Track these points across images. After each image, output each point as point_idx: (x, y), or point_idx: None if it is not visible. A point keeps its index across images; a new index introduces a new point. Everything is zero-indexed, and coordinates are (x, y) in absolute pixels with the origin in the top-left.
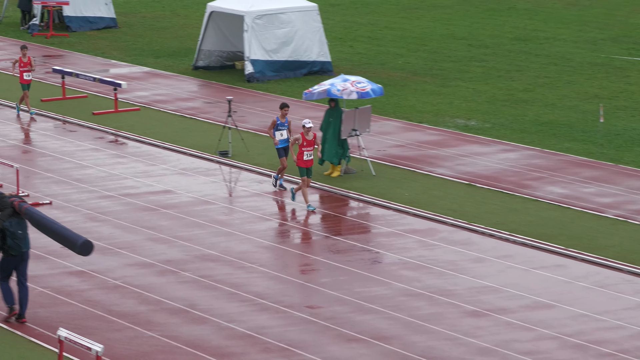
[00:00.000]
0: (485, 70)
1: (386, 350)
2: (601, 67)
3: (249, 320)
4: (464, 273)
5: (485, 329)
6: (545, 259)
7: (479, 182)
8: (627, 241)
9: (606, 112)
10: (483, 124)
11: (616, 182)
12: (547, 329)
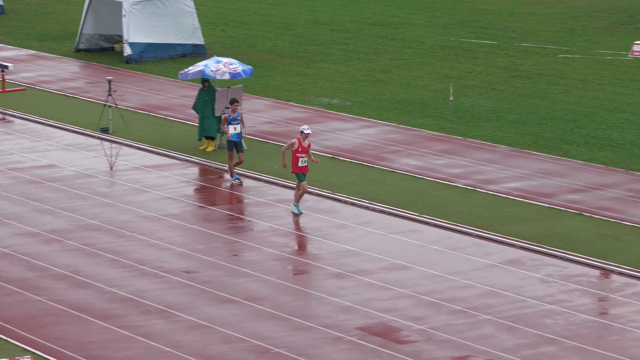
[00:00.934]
0: (346, 53)
1: (257, 310)
2: (451, 50)
3: (130, 284)
4: (329, 238)
5: (348, 289)
6: (401, 224)
7: (341, 156)
8: (476, 208)
9: (455, 91)
10: (345, 102)
11: (465, 154)
12: (404, 289)
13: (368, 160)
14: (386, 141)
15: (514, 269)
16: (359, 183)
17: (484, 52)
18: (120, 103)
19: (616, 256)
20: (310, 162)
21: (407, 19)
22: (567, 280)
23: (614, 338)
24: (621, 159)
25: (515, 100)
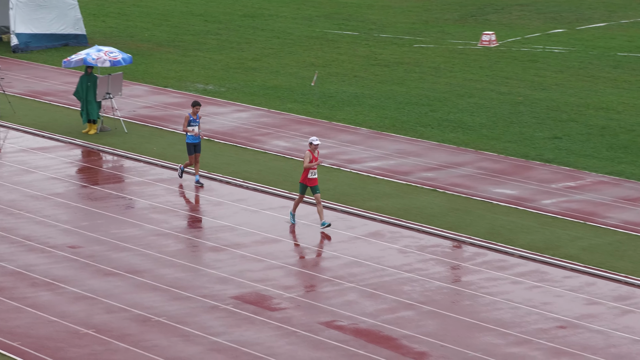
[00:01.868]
0: (220, 43)
1: (138, 282)
2: (316, 40)
3: (18, 259)
4: (205, 215)
5: (224, 261)
6: (273, 201)
7: (217, 138)
8: (340, 185)
9: (320, 78)
10: (219, 88)
11: (330, 136)
12: (275, 260)
13: (241, 142)
14: (258, 124)
15: (375, 241)
16: (233, 163)
17: (346, 42)
18: (8, 90)
19: (467, 228)
20: None
21: (276, 11)
22: (423, 251)
23: (466, 303)
24: (471, 139)
25: (375, 86)
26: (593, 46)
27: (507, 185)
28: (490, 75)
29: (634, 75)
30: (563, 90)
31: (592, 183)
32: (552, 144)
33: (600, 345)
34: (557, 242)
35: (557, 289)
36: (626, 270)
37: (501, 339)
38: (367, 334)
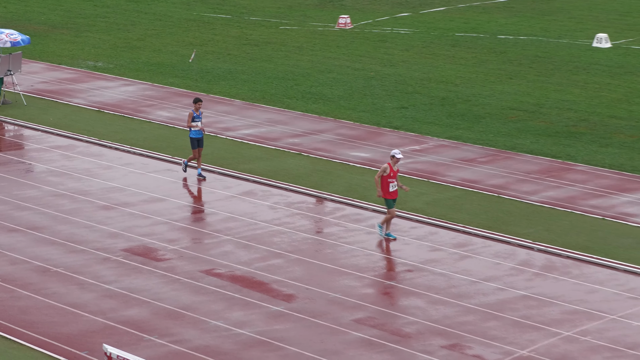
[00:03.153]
0: (108, 25)
1: (38, 237)
2: (194, 22)
3: None
4: (97, 177)
5: (114, 218)
6: (157, 165)
7: (106, 109)
8: (217, 150)
9: (198, 56)
10: (108, 65)
11: (208, 107)
12: (160, 217)
13: (128, 112)
14: (143, 97)
15: (248, 199)
16: (122, 131)
17: (220, 24)
18: None
19: (328, 187)
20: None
21: None
22: (290, 207)
23: (328, 251)
24: (331, 109)
25: (246, 63)
26: (434, 27)
27: (362, 149)
28: (347, 54)
29: (470, 52)
30: (409, 66)
31: (434, 146)
32: (400, 113)
33: (442, 286)
34: (405, 198)
35: (405, 238)
36: (464, 221)
37: (358, 281)
38: (242, 279)
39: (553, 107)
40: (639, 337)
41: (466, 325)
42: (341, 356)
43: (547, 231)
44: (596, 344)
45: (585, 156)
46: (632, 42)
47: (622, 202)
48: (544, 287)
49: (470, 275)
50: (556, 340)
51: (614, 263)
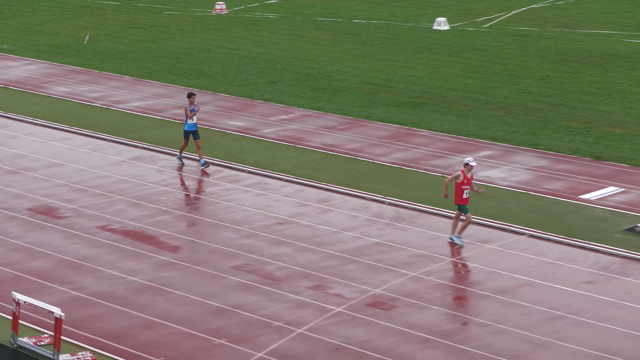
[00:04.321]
0: (12, 11)
1: None
2: (87, 9)
3: None
4: (4, 146)
5: (19, 181)
6: (57, 134)
7: (11, 86)
8: (110, 121)
9: (92, 38)
10: (12, 47)
11: (101, 83)
12: (60, 180)
13: (31, 88)
14: (43, 74)
15: (138, 163)
16: (24, 105)
17: (111, 10)
18: None
19: (208, 152)
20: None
21: None
22: (175, 170)
23: (209, 208)
24: (210, 84)
25: (135, 44)
26: (298, 13)
27: (238, 118)
28: (223, 36)
29: (329, 34)
30: (277, 46)
31: (300, 116)
32: (270, 87)
33: (308, 236)
34: (276, 160)
35: (276, 195)
36: (326, 180)
37: (235, 233)
38: (133, 234)
39: (400, 81)
40: (475, 276)
41: (328, 269)
42: (221, 298)
43: (396, 187)
44: (438, 282)
45: (427, 123)
46: (467, 24)
47: (459, 161)
48: (394, 235)
49: (332, 226)
50: (404, 280)
51: (452, 213)
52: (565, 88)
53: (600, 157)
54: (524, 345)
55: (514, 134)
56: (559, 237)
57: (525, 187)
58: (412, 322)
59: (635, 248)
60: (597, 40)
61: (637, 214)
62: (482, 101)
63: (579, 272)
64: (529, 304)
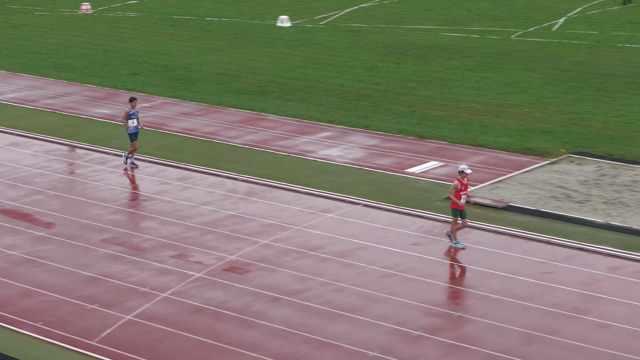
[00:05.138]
0: None
1: None
2: None
3: None
4: None
5: None
6: None
7: None
8: None
9: None
10: None
11: None
12: None
13: None
14: None
15: (13, 148)
16: None
17: None
18: None
19: (78, 137)
20: None
21: None
22: (48, 154)
23: (79, 187)
24: (78, 76)
25: (9, 42)
26: (157, 12)
27: (104, 107)
28: (89, 33)
29: (185, 31)
30: (138, 42)
31: (160, 104)
32: (132, 78)
33: (170, 210)
34: (139, 144)
35: (140, 175)
36: (185, 160)
37: (104, 210)
38: (10, 212)
39: (249, 72)
40: (317, 241)
41: (189, 240)
42: (93, 268)
43: (248, 166)
44: (286, 248)
45: (274, 108)
46: (306, 22)
47: (302, 142)
48: (247, 207)
49: (191, 201)
50: (257, 247)
51: (297, 187)
52: (392, 77)
53: (422, 135)
54: (361, 300)
55: (349, 117)
56: (389, 206)
57: (359, 163)
58: (264, 284)
59: None
60: (419, 34)
61: None
62: (321, 89)
63: (407, 235)
64: (364, 264)
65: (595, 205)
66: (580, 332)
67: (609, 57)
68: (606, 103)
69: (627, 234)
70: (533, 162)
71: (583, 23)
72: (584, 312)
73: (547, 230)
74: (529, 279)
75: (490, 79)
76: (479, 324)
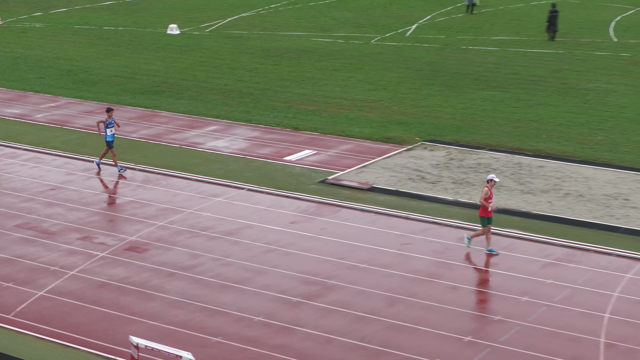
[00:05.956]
0: None
1: None
2: None
3: None
4: None
5: None
6: None
7: None
8: None
9: None
10: None
11: None
12: None
13: None
14: None
15: None
16: None
17: None
18: None
19: None
20: None
21: None
22: None
23: None
24: None
25: None
26: (60, 22)
27: (14, 107)
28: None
29: (85, 39)
30: (43, 49)
31: (65, 103)
32: (39, 81)
33: (76, 198)
34: (46, 139)
35: (48, 167)
36: (88, 153)
37: (16, 199)
38: None
39: (144, 74)
40: (207, 222)
41: (93, 223)
42: (7, 250)
43: (145, 157)
44: (180, 229)
45: (166, 106)
46: (193, 29)
47: (192, 135)
48: (144, 194)
49: (94, 190)
50: (154, 228)
51: (189, 175)
52: (269, 77)
53: (297, 127)
54: (247, 273)
55: (233, 112)
56: (269, 190)
57: (243, 153)
58: (161, 261)
59: (326, 195)
60: (292, 39)
61: (326, 170)
62: (207, 88)
63: (286, 215)
64: (249, 241)
65: (445, 185)
66: (435, 294)
67: (455, 57)
68: (453, 97)
69: (473, 209)
70: (392, 149)
71: (432, 29)
72: (438, 276)
73: (406, 207)
74: (391, 249)
75: (354, 78)
76: (349, 289)
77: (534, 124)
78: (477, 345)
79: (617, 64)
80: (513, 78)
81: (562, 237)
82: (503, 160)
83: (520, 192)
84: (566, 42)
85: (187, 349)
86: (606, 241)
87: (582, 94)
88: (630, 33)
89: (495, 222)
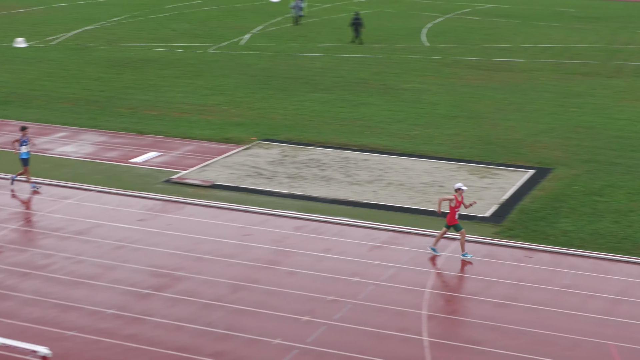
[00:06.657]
0: None
1: None
2: None
3: None
4: None
5: None
6: None
7: None
8: None
9: None
10: None
11: None
12: None
13: None
14: None
15: None
16: None
17: None
18: None
19: None
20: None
21: None
22: None
23: None
24: None
25: None
26: None
27: None
28: None
29: None
30: None
31: None
32: None
33: None
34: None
35: None
36: None
37: None
38: None
39: None
40: (59, 223)
41: None
42: None
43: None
44: (33, 231)
45: (15, 115)
46: (39, 42)
47: (41, 142)
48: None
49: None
50: (7, 231)
51: (40, 180)
52: (114, 85)
53: (142, 132)
54: (99, 269)
55: (80, 119)
56: (117, 190)
57: (91, 157)
58: (15, 262)
59: (171, 193)
60: (135, 50)
61: (170, 170)
62: (55, 97)
63: (134, 213)
64: (99, 239)
65: (280, 180)
66: (275, 279)
67: (286, 63)
68: (285, 100)
69: (306, 200)
70: (231, 148)
71: (265, 37)
72: (277, 263)
73: (245, 201)
74: (233, 240)
75: (194, 84)
76: (195, 279)
77: (358, 122)
78: (314, 323)
79: (429, 66)
80: (338, 81)
81: (386, 222)
82: (332, 155)
83: (348, 183)
84: (384, 47)
85: (43, 344)
86: (425, 224)
87: (399, 93)
88: (440, 38)
89: (326, 211)
